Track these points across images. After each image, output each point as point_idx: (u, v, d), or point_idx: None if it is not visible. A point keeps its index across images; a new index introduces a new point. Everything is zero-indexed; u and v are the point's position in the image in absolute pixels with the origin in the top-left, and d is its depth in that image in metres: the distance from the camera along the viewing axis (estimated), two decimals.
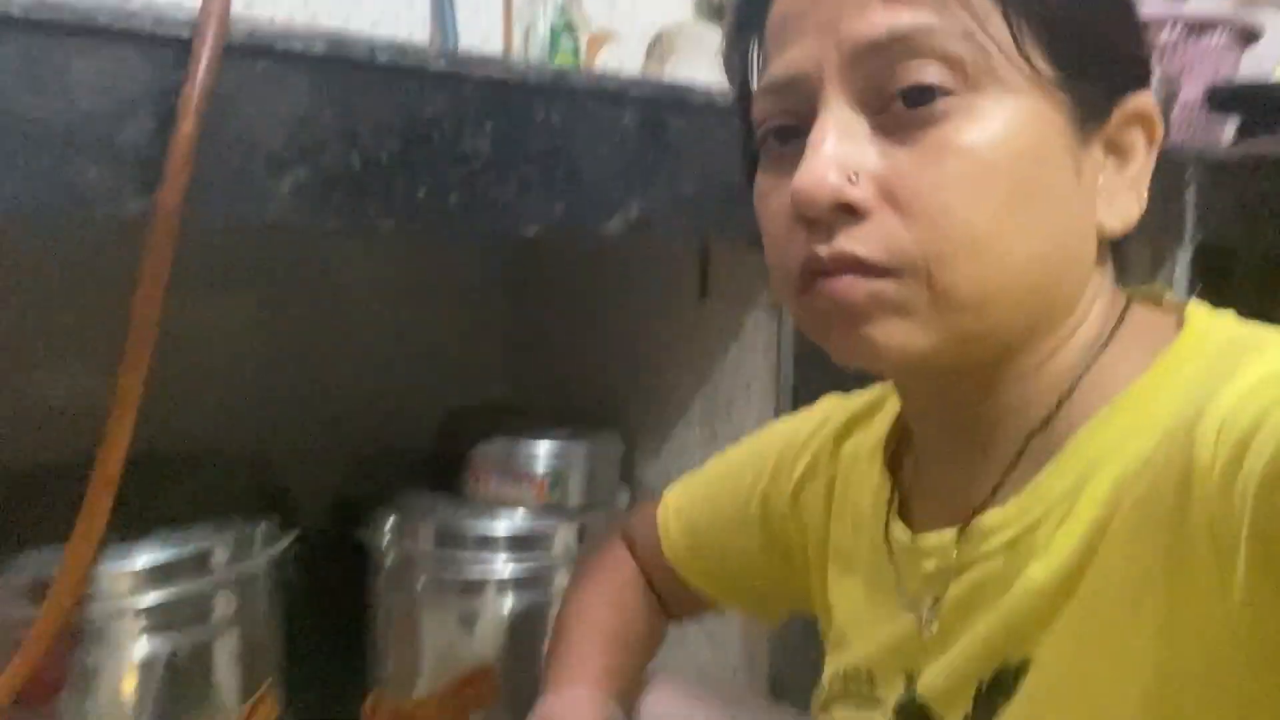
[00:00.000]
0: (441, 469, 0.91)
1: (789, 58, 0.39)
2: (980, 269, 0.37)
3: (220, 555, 0.77)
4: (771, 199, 0.41)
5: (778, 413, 0.84)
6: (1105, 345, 0.40)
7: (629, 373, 1.03)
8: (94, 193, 0.50)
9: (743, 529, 0.59)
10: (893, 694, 0.45)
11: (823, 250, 0.37)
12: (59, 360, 0.94)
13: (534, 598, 0.87)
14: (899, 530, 0.45)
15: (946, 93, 0.36)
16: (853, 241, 0.37)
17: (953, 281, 0.37)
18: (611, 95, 0.67)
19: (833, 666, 0.50)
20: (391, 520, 0.86)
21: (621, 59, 1.25)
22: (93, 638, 0.72)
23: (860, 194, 0.37)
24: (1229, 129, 1.18)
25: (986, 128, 0.36)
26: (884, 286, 0.37)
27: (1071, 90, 0.38)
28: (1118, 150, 0.40)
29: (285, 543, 0.84)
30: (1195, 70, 1.10)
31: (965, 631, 0.41)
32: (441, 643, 0.88)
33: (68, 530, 0.60)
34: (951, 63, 0.36)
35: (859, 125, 0.38)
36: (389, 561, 0.87)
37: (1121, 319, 0.41)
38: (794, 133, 0.40)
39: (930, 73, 0.36)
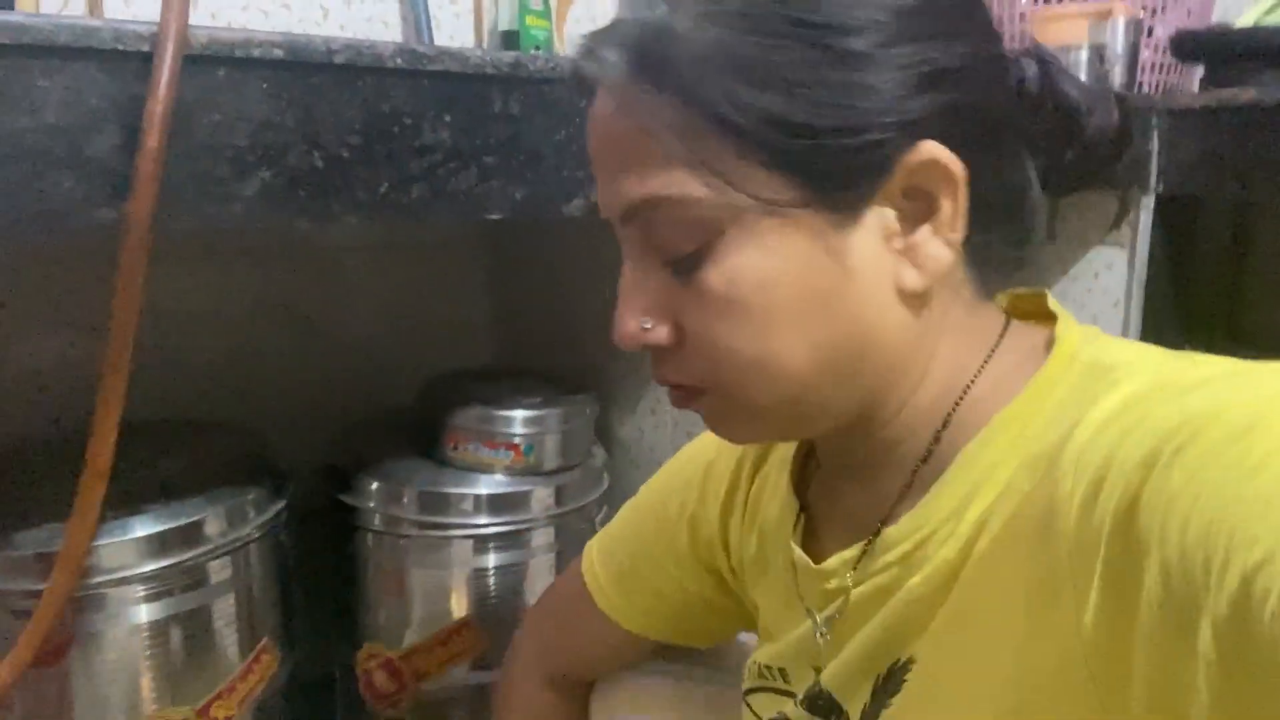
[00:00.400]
0: (422, 434, 0.95)
1: (599, 197, 0.44)
2: (766, 384, 0.40)
3: (213, 525, 0.81)
4: None
5: None
6: (981, 369, 0.42)
7: (604, 335, 1.06)
8: (66, 204, 0.53)
9: (673, 559, 0.59)
10: (802, 686, 0.48)
11: (654, 372, 0.44)
12: (46, 329, 0.97)
13: (512, 555, 0.92)
14: (799, 555, 0.48)
15: (698, 246, 0.39)
16: (667, 369, 0.43)
17: (748, 396, 0.41)
18: (567, 81, 0.69)
19: (754, 657, 0.53)
20: (376, 486, 0.91)
21: (595, 15, 1.25)
22: (96, 605, 0.76)
23: (656, 337, 0.42)
24: (1196, 76, 1.18)
25: (732, 267, 0.39)
26: (704, 402, 0.43)
27: (814, 201, 0.38)
28: (914, 208, 0.40)
29: (275, 511, 0.88)
30: (1169, 12, 1.10)
31: (860, 632, 0.44)
32: (426, 598, 0.93)
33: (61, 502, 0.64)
34: (699, 221, 0.39)
35: (651, 271, 0.42)
36: (375, 524, 0.92)
37: (1000, 339, 0.43)
38: None
39: (680, 232, 0.40)
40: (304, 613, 0.95)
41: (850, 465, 0.46)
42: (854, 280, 0.39)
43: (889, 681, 0.43)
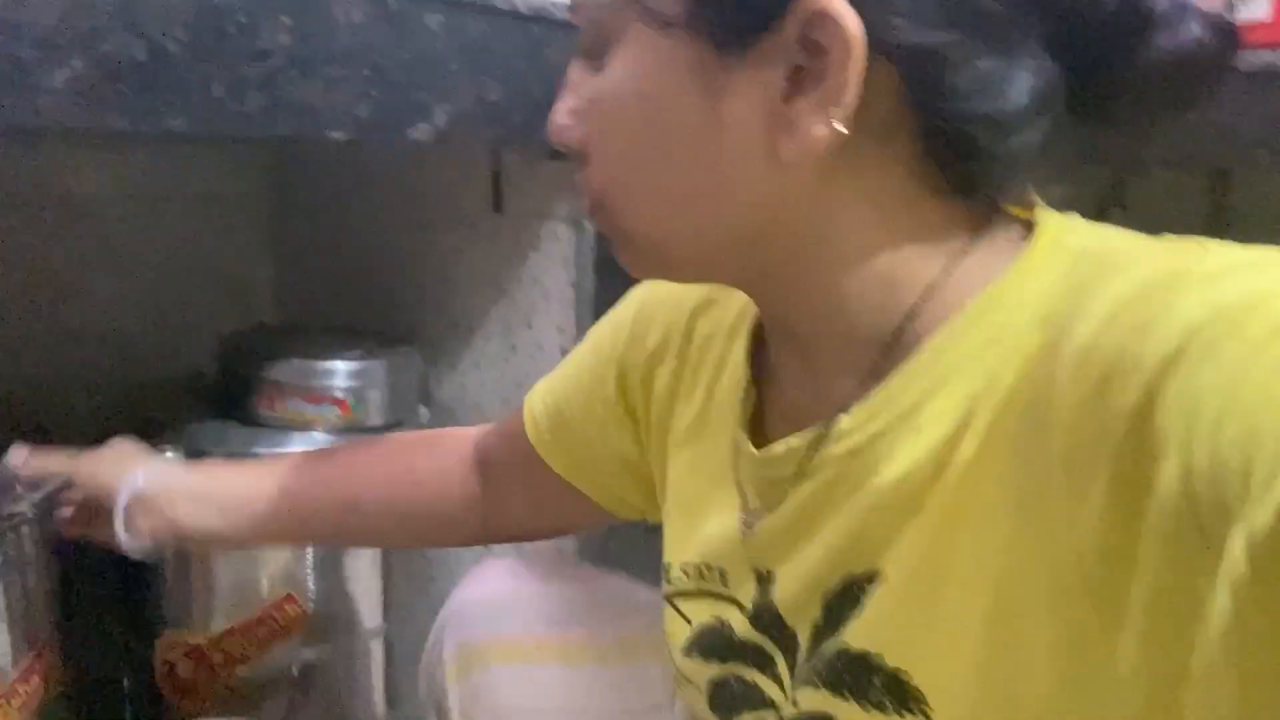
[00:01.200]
0: (225, 395, 0.85)
1: None
2: (630, 210, 0.40)
3: None
4: None
5: (579, 323, 0.86)
6: (954, 262, 0.38)
7: (419, 289, 1.01)
8: None
9: (600, 401, 0.56)
10: (747, 596, 0.44)
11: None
12: None
13: None
14: (744, 439, 0.45)
15: (600, 45, 0.39)
16: (579, 177, 0.41)
17: (621, 221, 0.41)
18: None
19: (680, 555, 0.49)
20: (178, 451, 0.80)
21: None
22: None
23: (567, 136, 0.41)
24: None
25: (613, 78, 0.38)
26: (599, 221, 0.42)
27: (697, 23, 0.36)
28: (811, 69, 0.35)
29: (49, 489, 0.75)
30: None
31: (811, 537, 0.40)
32: (235, 575, 0.84)
33: None
34: (598, 26, 0.39)
35: (585, 73, 0.40)
36: None
37: (979, 235, 0.39)
38: None
39: (589, 35, 0.40)
40: (84, 606, 0.82)
41: (798, 349, 0.43)
42: (723, 129, 0.36)
43: (843, 598, 0.39)
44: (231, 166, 1.09)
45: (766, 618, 0.43)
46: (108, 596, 0.90)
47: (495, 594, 0.65)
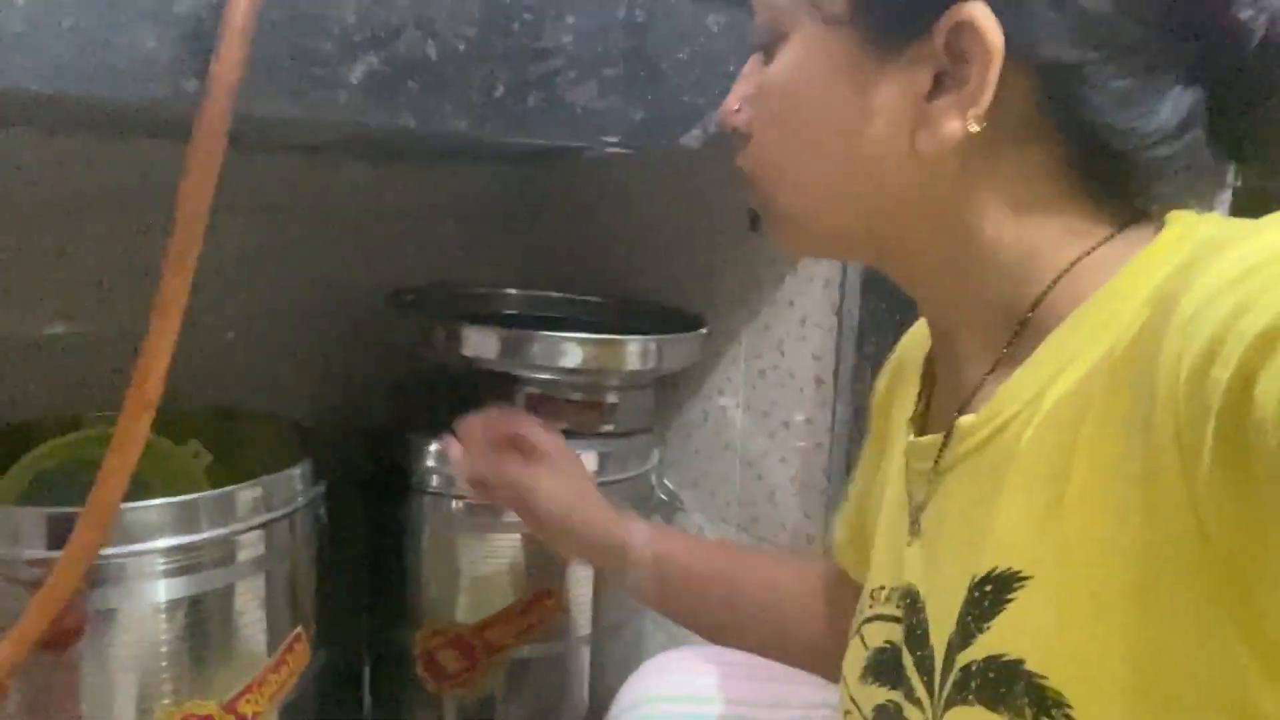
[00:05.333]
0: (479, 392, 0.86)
1: None
2: (782, 191, 0.43)
3: (246, 496, 0.71)
4: None
5: (839, 352, 0.80)
6: (1085, 257, 0.39)
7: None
8: (147, 67, 0.43)
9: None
10: (901, 607, 0.45)
11: None
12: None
13: None
14: (908, 433, 0.47)
15: (774, 40, 0.42)
16: (738, 157, 0.45)
17: (772, 199, 0.44)
18: None
19: (872, 580, 0.49)
20: (434, 446, 0.82)
21: None
22: (112, 578, 0.66)
23: (735, 120, 0.45)
24: None
25: (780, 69, 0.42)
26: (753, 197, 0.45)
27: (858, 22, 0.39)
28: (942, 68, 0.38)
29: (314, 485, 0.78)
30: None
31: (949, 538, 0.41)
32: (489, 567, 0.85)
33: None
34: (772, 22, 0.42)
35: (759, 64, 0.44)
36: (432, 485, 0.84)
37: (1115, 234, 0.40)
38: None
39: (761, 32, 0.43)
40: (335, 596, 0.85)
41: (942, 336, 0.46)
42: (871, 120, 0.39)
43: (986, 600, 0.37)
44: (477, 179, 1.11)
45: (918, 634, 0.42)
46: (362, 586, 0.93)
47: (671, 690, 0.63)
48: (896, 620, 0.45)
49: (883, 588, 0.47)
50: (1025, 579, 0.36)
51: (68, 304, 0.86)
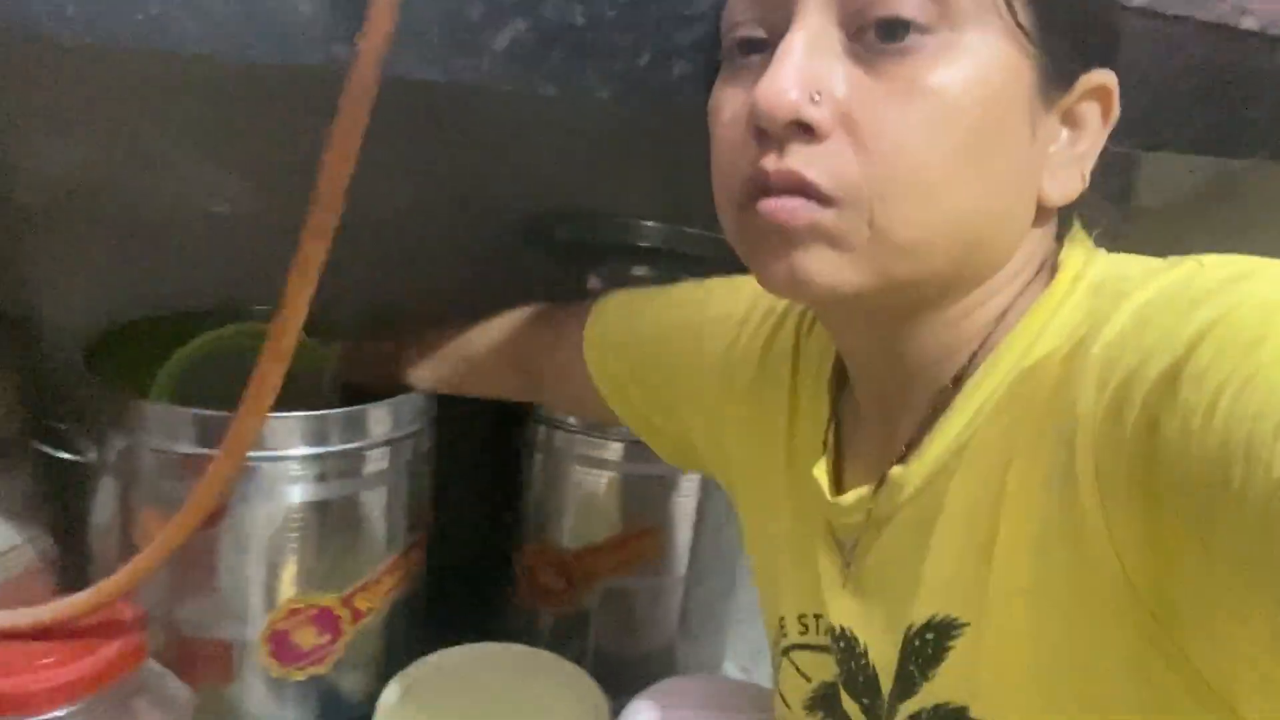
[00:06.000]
0: None
1: None
2: (922, 213, 0.36)
3: (377, 415, 0.75)
4: (726, 109, 0.40)
5: None
6: (1015, 299, 0.40)
7: None
8: (302, 33, 0.44)
9: (691, 343, 0.57)
10: (841, 653, 0.45)
11: (771, 165, 0.37)
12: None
13: None
14: (821, 481, 0.46)
15: (923, 29, 0.35)
16: (802, 162, 0.36)
17: (892, 222, 0.36)
18: None
19: (794, 606, 0.49)
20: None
21: None
22: (249, 478, 0.71)
23: (819, 115, 0.36)
24: None
25: (957, 70, 0.35)
26: (824, 216, 0.36)
27: (1045, 48, 0.37)
28: (1073, 123, 0.39)
29: (436, 410, 0.82)
30: None
31: (886, 591, 0.41)
32: (601, 500, 0.88)
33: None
34: (942, 16, 0.35)
35: (832, 41, 0.36)
36: (551, 414, 0.87)
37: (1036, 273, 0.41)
38: (761, 46, 0.39)
39: (909, 6, 0.35)
40: (455, 510, 0.90)
41: (879, 389, 0.44)
42: (1031, 155, 0.38)
43: (926, 649, 0.38)
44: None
45: (860, 679, 0.43)
46: (475, 502, 0.98)
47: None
48: (828, 652, 0.46)
49: (812, 615, 0.47)
50: (962, 626, 0.37)
51: (231, 186, 0.89)
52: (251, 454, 0.70)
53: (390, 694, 0.77)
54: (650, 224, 1.02)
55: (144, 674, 0.63)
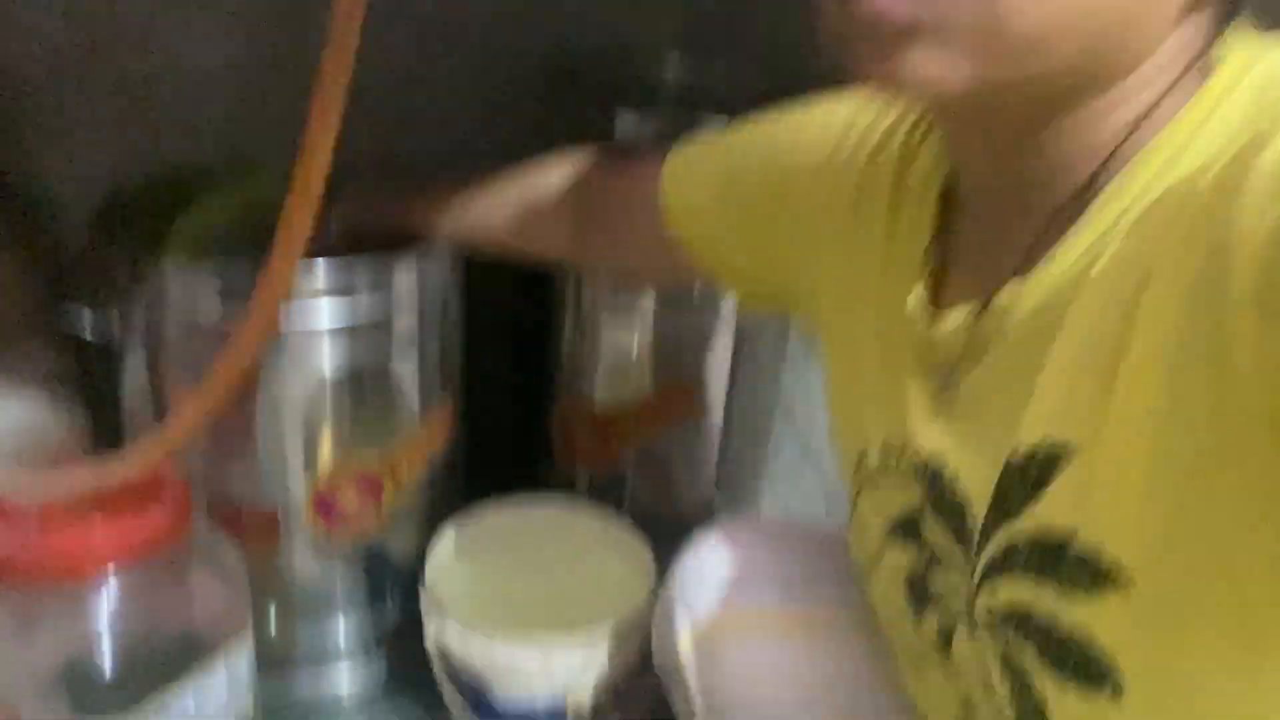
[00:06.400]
0: None
1: None
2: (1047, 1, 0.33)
3: (402, 275, 0.73)
4: None
5: None
6: (1161, 98, 0.35)
7: None
8: None
9: (786, 159, 0.54)
10: (924, 478, 0.43)
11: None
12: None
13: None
14: (920, 300, 0.43)
15: None
16: None
17: (1007, 10, 0.32)
18: None
19: (875, 437, 0.47)
20: None
21: None
22: (278, 343, 0.70)
23: None
24: None
25: None
26: (928, 6, 0.33)
27: None
28: None
29: (462, 266, 0.79)
30: None
31: (985, 417, 0.39)
32: (633, 356, 0.87)
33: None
34: None
35: None
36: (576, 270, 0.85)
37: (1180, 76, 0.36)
38: None
39: None
40: (482, 366, 0.89)
41: (995, 199, 0.41)
42: None
43: (1026, 477, 0.36)
44: None
45: (947, 506, 0.41)
46: (508, 365, 0.97)
47: (726, 563, 0.61)
48: (910, 482, 0.44)
49: (896, 446, 0.45)
50: (1075, 450, 0.35)
51: (238, 33, 0.84)
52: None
53: (439, 546, 0.78)
54: (676, 56, 0.96)
55: (197, 539, 0.62)
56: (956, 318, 0.41)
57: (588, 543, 0.82)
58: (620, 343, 0.86)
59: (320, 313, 0.69)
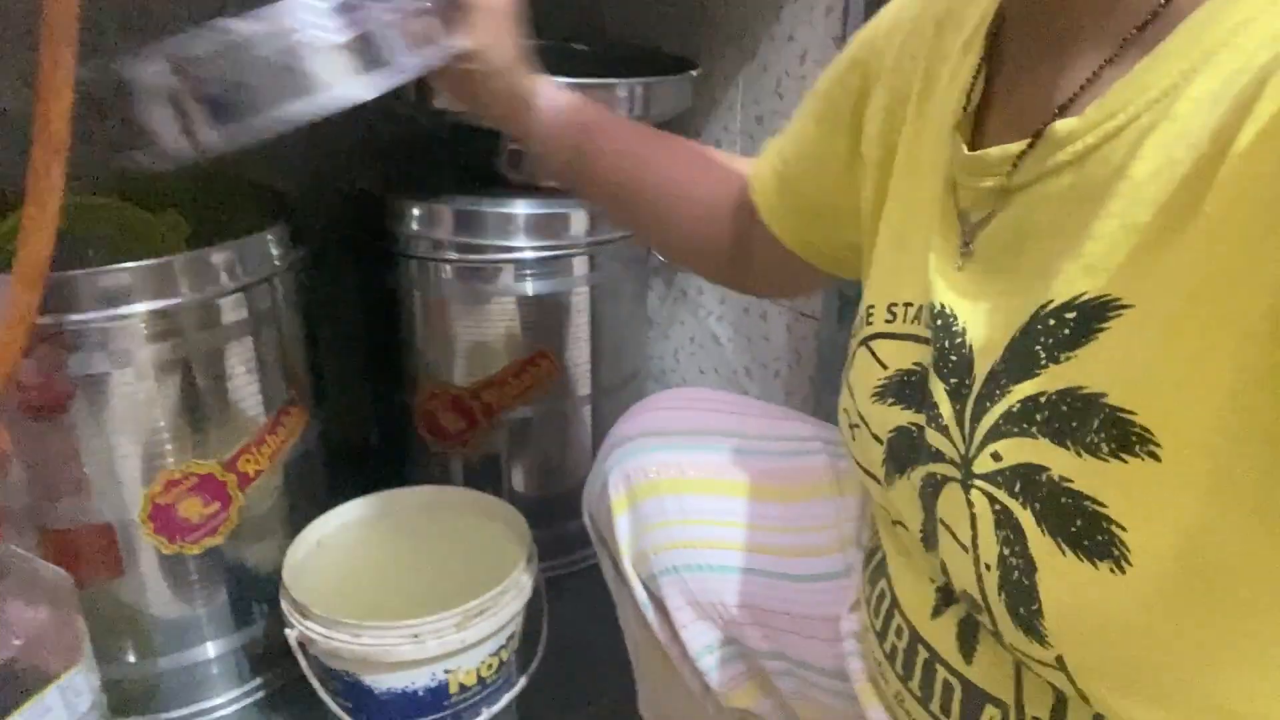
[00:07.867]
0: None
1: None
2: None
3: (223, 258, 0.69)
4: None
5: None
6: None
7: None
8: None
9: (831, 151, 0.50)
10: (932, 329, 0.39)
11: None
12: None
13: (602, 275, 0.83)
14: (957, 138, 0.39)
15: None
16: None
17: None
18: None
19: (887, 294, 0.43)
20: (417, 211, 0.80)
21: None
22: (94, 343, 0.65)
23: None
24: None
25: None
26: None
27: None
28: None
29: (293, 248, 0.76)
30: None
31: (1015, 268, 0.35)
32: (487, 330, 0.84)
33: None
34: None
35: None
36: (420, 250, 0.82)
37: None
38: None
39: None
40: (332, 363, 0.85)
41: (1050, 25, 0.36)
42: None
43: (1061, 332, 0.32)
44: None
45: (952, 360, 0.38)
46: (357, 353, 0.93)
47: (661, 426, 0.60)
48: (913, 341, 0.41)
49: (903, 304, 0.42)
50: (1124, 308, 0.31)
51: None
52: (94, 313, 0.64)
53: (299, 549, 0.73)
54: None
55: (10, 569, 0.57)
56: (998, 152, 0.36)
57: (459, 526, 0.79)
58: (473, 315, 0.84)
59: (135, 306, 0.65)
